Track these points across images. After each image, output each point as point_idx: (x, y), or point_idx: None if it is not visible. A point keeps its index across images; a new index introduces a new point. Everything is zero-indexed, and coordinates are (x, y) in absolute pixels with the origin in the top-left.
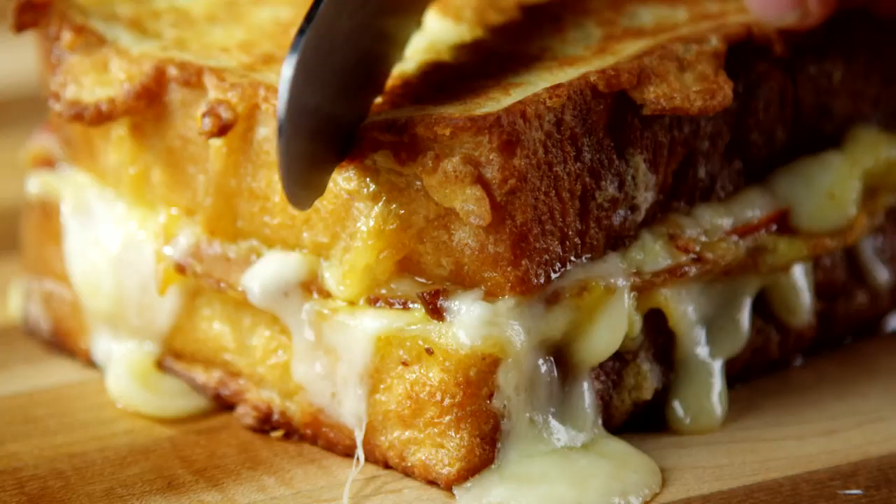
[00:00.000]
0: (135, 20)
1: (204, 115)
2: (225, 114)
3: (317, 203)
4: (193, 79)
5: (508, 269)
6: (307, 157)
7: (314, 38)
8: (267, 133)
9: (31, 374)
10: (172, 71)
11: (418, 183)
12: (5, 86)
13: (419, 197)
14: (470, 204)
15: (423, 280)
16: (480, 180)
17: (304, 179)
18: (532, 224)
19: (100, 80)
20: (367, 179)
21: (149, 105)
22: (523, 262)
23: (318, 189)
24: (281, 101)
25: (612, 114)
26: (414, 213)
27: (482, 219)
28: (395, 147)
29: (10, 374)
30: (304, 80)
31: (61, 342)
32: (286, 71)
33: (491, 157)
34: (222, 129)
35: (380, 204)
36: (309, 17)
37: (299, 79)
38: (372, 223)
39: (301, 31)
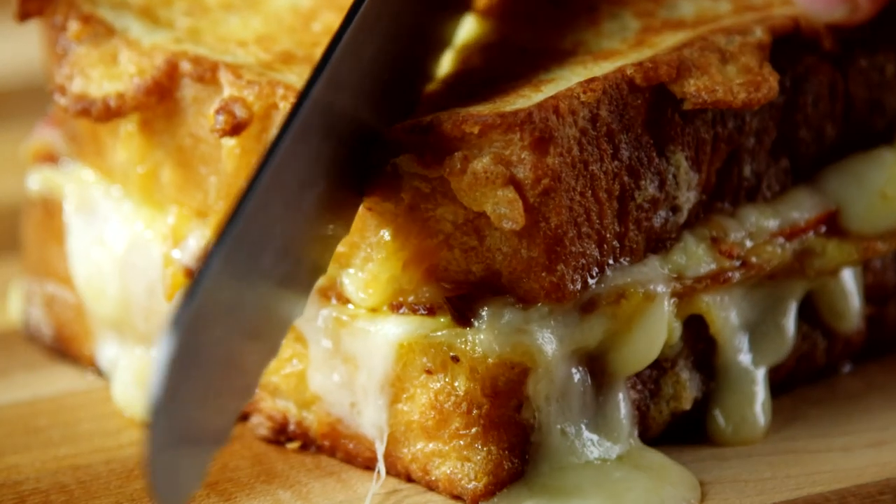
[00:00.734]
0: (145, 8)
1: (217, 112)
2: (240, 112)
3: None
4: (208, 74)
5: (543, 274)
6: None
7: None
8: None
9: (33, 381)
10: (186, 66)
11: (445, 187)
12: (6, 76)
13: (445, 202)
14: (502, 207)
15: (450, 286)
16: (512, 181)
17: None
18: (567, 226)
19: (108, 74)
20: (386, 187)
21: (160, 101)
22: (559, 268)
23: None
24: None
25: (651, 109)
26: (441, 218)
27: (515, 222)
28: (419, 149)
29: (11, 381)
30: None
31: (64, 348)
32: (160, 352)
33: (523, 156)
34: (236, 128)
35: (401, 213)
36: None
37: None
38: (395, 233)
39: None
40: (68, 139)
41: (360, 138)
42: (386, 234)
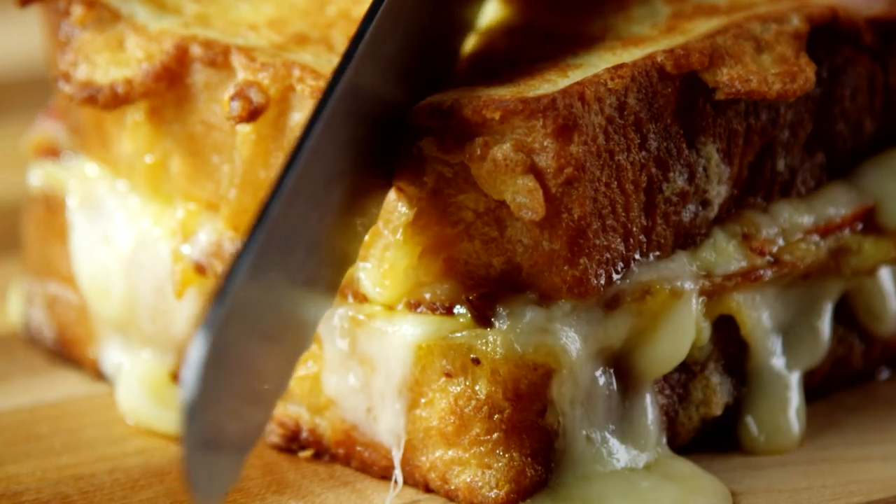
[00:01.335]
0: None
1: (232, 99)
2: (256, 97)
3: None
4: (220, 58)
5: (565, 268)
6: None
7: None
8: (301, 118)
9: (33, 387)
10: (196, 50)
11: (466, 171)
12: (4, 67)
13: (467, 188)
14: (522, 196)
15: (469, 282)
16: (533, 169)
17: None
18: (591, 218)
19: (115, 60)
20: (412, 169)
21: (169, 87)
22: (581, 261)
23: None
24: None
25: (682, 98)
26: (462, 206)
27: (535, 212)
28: (440, 133)
29: (10, 387)
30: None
31: (66, 352)
32: (195, 352)
33: (545, 144)
34: (252, 114)
35: (424, 196)
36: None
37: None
38: (415, 217)
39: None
40: (71, 131)
41: (387, 121)
42: (405, 219)
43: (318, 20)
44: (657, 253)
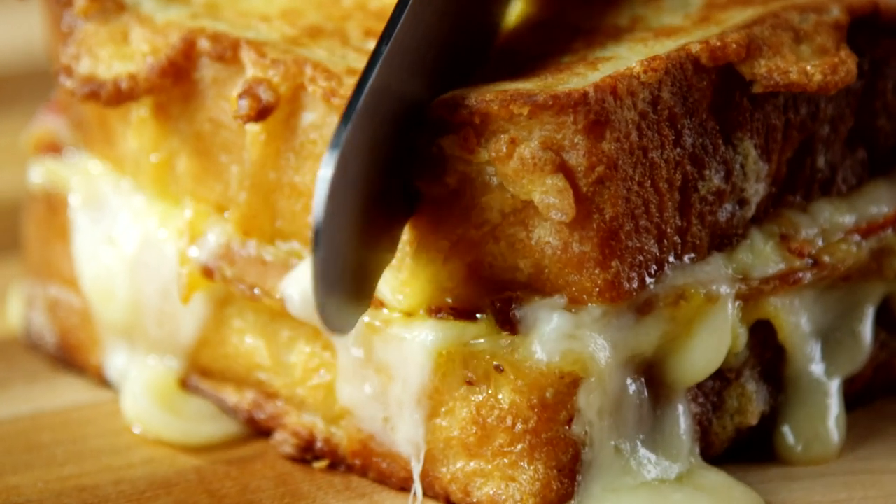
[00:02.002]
0: None
1: (240, 97)
2: (265, 95)
3: None
4: (228, 53)
5: (596, 271)
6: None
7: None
8: (313, 119)
9: (35, 394)
10: (204, 43)
11: (491, 171)
12: (4, 58)
13: (493, 188)
14: (551, 196)
15: (494, 286)
16: (563, 168)
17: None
18: (624, 219)
19: (119, 54)
20: (432, 169)
21: (175, 83)
22: (613, 264)
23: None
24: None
25: (718, 92)
26: (487, 207)
27: (565, 213)
28: (463, 129)
29: (11, 394)
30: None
31: (69, 357)
32: (324, 170)
33: (576, 141)
34: (261, 113)
35: (448, 198)
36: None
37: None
38: (438, 221)
39: (343, 121)
40: (74, 127)
41: (407, 119)
42: (429, 223)
43: (333, 12)
44: (692, 255)
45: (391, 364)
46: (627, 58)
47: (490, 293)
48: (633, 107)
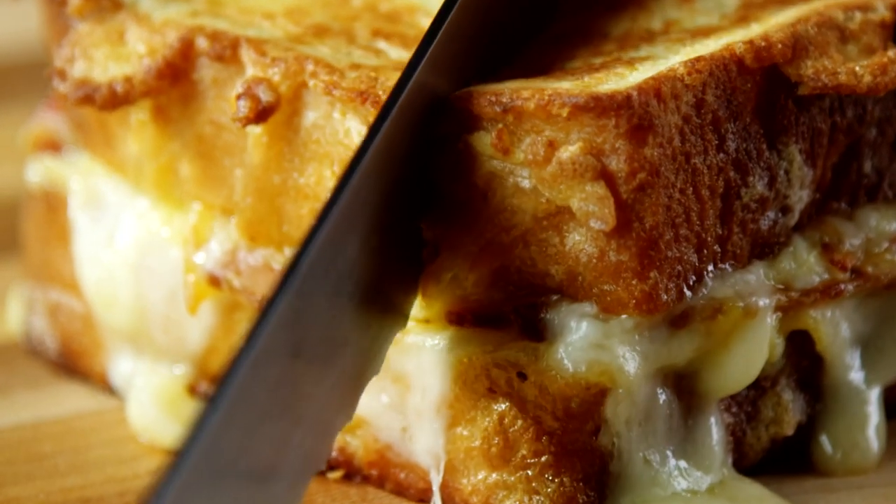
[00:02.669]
0: None
1: (239, 98)
2: (264, 95)
3: None
4: (228, 52)
5: (633, 282)
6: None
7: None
8: (316, 118)
9: (36, 401)
10: (202, 43)
11: (524, 173)
12: (3, 49)
13: (525, 191)
14: (590, 203)
15: (520, 293)
16: (604, 174)
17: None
18: (664, 228)
19: (114, 55)
20: (459, 165)
21: (173, 84)
22: (652, 274)
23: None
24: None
25: (762, 94)
26: (518, 210)
27: (605, 222)
28: (495, 128)
29: (11, 401)
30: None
31: (71, 363)
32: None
33: (617, 146)
34: (261, 115)
35: (476, 199)
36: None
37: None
38: (465, 225)
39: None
40: (74, 125)
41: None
42: (453, 226)
43: (340, 11)
44: (732, 263)
45: (409, 373)
46: (666, 58)
47: (515, 299)
48: (677, 110)
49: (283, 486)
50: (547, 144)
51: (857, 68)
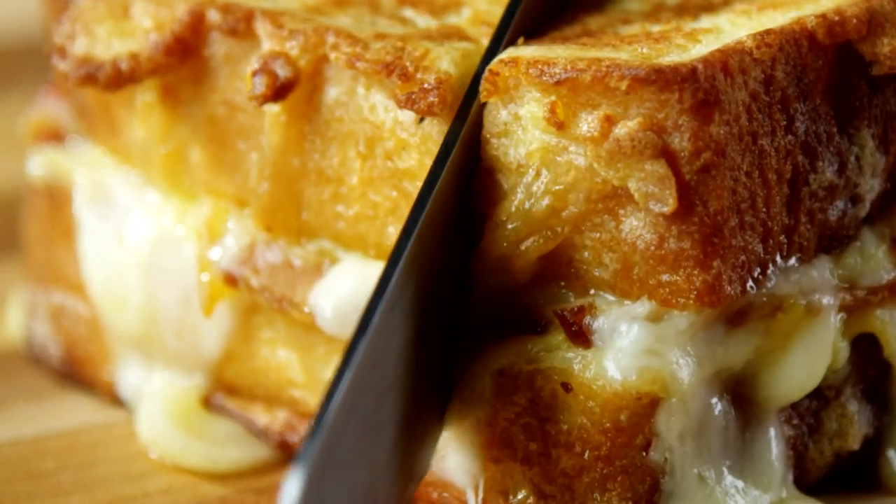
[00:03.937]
0: None
1: (255, 74)
2: (282, 71)
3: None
4: (241, 25)
5: (695, 271)
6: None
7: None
8: (338, 94)
9: (37, 414)
10: (214, 16)
11: (578, 149)
12: (2, 34)
13: (580, 169)
14: (651, 184)
15: (567, 289)
16: (665, 152)
17: None
18: (729, 213)
19: (118, 30)
20: (507, 139)
21: (183, 61)
22: (715, 264)
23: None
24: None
25: (834, 73)
26: (571, 189)
27: (666, 204)
28: (547, 100)
29: (11, 414)
30: None
31: (76, 372)
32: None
33: (680, 122)
34: (279, 92)
35: (527, 175)
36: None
37: None
38: (516, 199)
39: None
40: (77, 113)
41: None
42: (503, 202)
43: None
44: (798, 256)
45: None
46: (730, 31)
47: (558, 301)
48: (745, 86)
49: None
50: (604, 119)
51: None
